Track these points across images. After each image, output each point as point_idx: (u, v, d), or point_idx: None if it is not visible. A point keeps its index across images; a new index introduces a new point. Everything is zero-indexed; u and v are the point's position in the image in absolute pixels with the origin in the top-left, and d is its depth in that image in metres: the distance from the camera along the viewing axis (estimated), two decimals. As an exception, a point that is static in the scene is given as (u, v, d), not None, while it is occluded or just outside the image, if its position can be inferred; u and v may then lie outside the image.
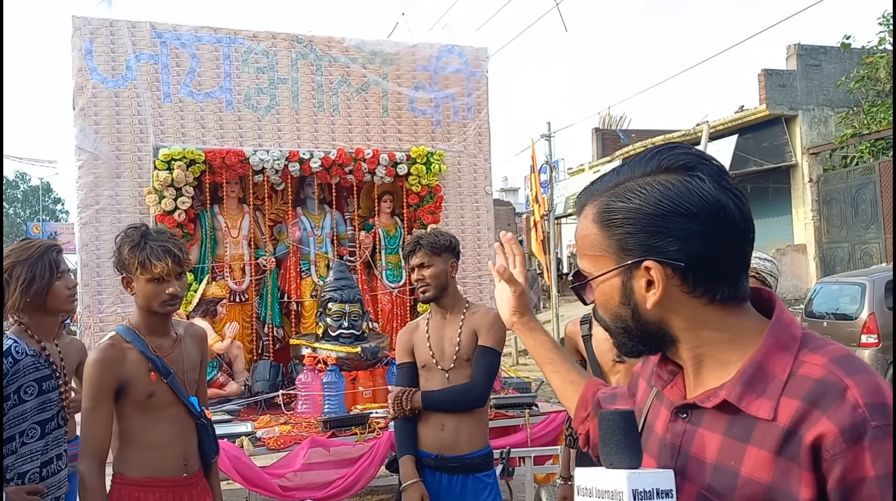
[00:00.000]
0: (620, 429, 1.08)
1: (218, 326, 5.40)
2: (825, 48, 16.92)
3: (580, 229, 1.18)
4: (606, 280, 1.13)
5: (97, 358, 2.36)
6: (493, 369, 3.07)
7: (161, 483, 2.44)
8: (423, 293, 3.06)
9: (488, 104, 6.44)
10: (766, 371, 1.05)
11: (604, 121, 25.67)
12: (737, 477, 1.04)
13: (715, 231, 1.06)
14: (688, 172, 1.09)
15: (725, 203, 1.06)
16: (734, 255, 1.09)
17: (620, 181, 1.13)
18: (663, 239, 1.07)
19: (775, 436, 1.01)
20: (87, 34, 5.34)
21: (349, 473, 4.10)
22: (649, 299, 1.09)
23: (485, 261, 6.45)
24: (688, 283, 1.07)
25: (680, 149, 1.13)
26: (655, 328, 1.12)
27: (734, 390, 1.06)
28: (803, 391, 1.01)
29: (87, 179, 5.31)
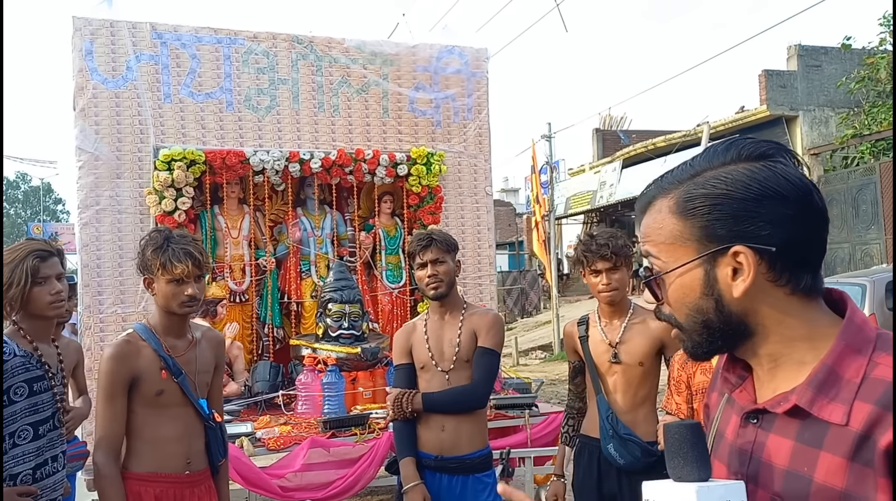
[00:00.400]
0: (687, 441, 1.04)
1: (218, 326, 5.40)
2: (826, 49, 16.92)
3: (653, 222, 1.13)
4: (688, 271, 1.08)
5: (113, 353, 2.47)
6: (494, 370, 3.07)
7: (162, 478, 2.50)
8: (435, 290, 3.02)
9: (488, 105, 6.45)
10: (839, 375, 1.02)
11: (604, 121, 25.67)
12: (811, 484, 1.02)
13: (804, 216, 1.04)
14: (770, 159, 1.06)
15: (812, 191, 1.05)
16: (818, 242, 1.07)
17: (698, 172, 1.09)
18: (755, 223, 1.03)
19: (849, 441, 0.99)
20: (87, 35, 5.34)
21: (349, 473, 4.10)
22: (737, 288, 1.05)
23: (485, 262, 6.45)
24: (774, 270, 1.04)
25: (754, 139, 1.10)
26: (738, 320, 1.08)
27: (805, 394, 1.04)
28: (876, 394, 0.98)
29: (87, 180, 5.31)
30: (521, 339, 17.59)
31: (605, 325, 3.12)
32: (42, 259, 2.62)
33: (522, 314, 24.07)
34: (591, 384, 3.12)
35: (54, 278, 2.64)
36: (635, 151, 19.91)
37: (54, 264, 2.67)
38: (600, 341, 3.08)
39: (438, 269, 3.02)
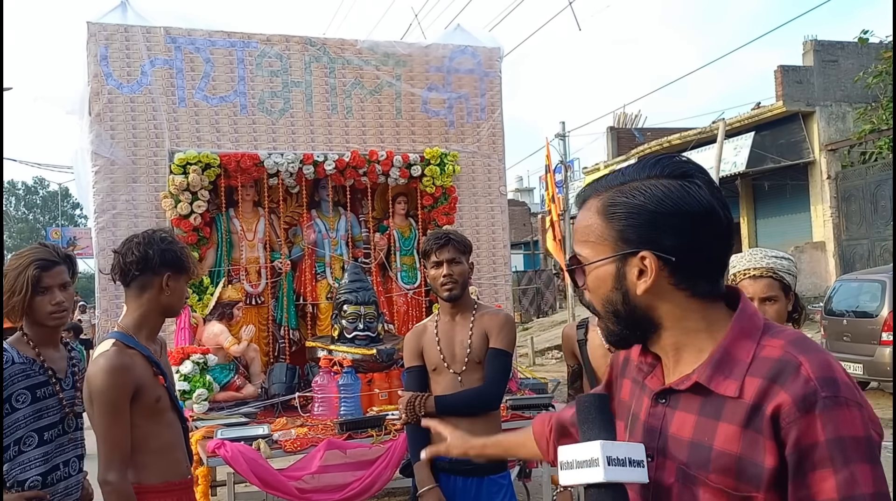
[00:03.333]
0: (595, 408, 1.23)
1: (234, 329, 5.42)
2: (842, 44, 16.76)
3: (582, 219, 1.30)
4: (602, 266, 1.26)
5: (112, 365, 2.33)
6: (506, 371, 3.05)
7: (175, 486, 2.47)
8: (449, 291, 3.00)
9: (502, 104, 6.43)
10: (733, 355, 1.19)
11: (619, 120, 25.57)
12: (711, 451, 1.17)
13: (704, 232, 1.21)
14: (687, 179, 1.22)
15: (716, 209, 1.21)
16: (716, 255, 1.24)
17: (626, 181, 1.26)
18: (661, 234, 1.20)
19: (742, 412, 1.15)
20: (102, 40, 5.38)
21: (366, 475, 4.10)
22: (640, 286, 1.22)
23: (500, 262, 6.44)
24: (675, 276, 1.21)
25: (680, 159, 1.27)
26: (642, 314, 1.25)
27: (704, 372, 1.20)
28: (764, 369, 1.15)
29: (103, 185, 5.35)
30: (537, 339, 17.55)
31: None
32: (44, 269, 2.58)
33: (538, 314, 24.01)
34: (588, 388, 3.10)
35: (56, 289, 2.60)
36: (650, 149, 19.81)
37: (58, 274, 2.62)
38: (599, 345, 3.06)
39: (454, 269, 3.00)
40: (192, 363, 4.84)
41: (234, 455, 3.89)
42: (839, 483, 1.07)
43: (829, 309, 9.97)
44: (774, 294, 2.43)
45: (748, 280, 2.45)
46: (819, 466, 1.08)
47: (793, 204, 16.72)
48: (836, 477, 1.07)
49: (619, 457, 1.17)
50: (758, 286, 2.42)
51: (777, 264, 2.47)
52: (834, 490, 1.07)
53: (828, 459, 1.08)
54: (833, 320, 9.78)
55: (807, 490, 1.09)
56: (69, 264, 2.70)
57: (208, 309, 5.37)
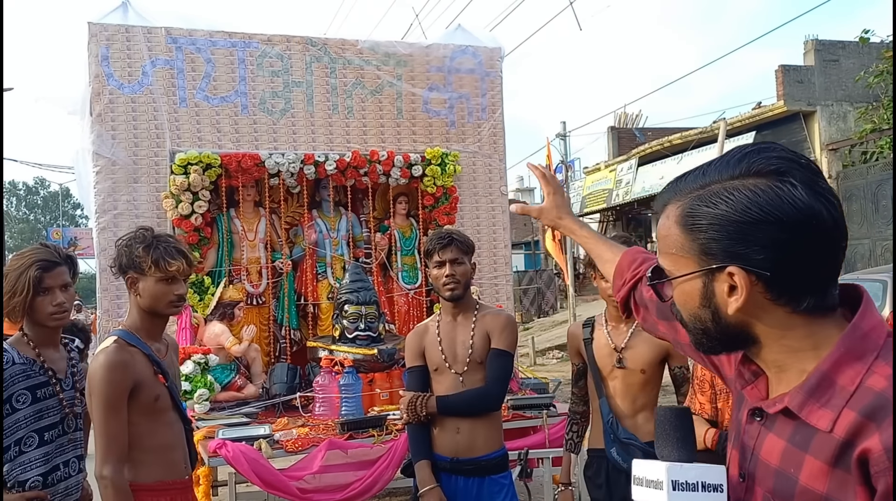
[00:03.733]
0: (671, 424, 1.15)
1: (235, 329, 5.42)
2: (843, 43, 16.75)
3: (662, 228, 1.17)
4: (687, 281, 1.12)
5: (111, 361, 2.35)
6: (507, 371, 3.05)
7: (171, 485, 2.47)
8: (451, 291, 3.00)
9: (503, 104, 6.43)
10: (833, 381, 1.03)
11: (619, 119, 25.56)
12: (796, 485, 1.04)
13: (804, 241, 1.03)
14: (779, 177, 1.05)
15: (818, 211, 1.03)
16: (823, 264, 1.06)
17: (706, 183, 1.10)
18: (749, 247, 1.04)
19: (832, 447, 1.00)
20: (103, 40, 5.38)
21: (367, 475, 4.10)
22: (731, 305, 1.07)
23: (501, 262, 6.44)
24: (772, 291, 1.05)
25: (771, 151, 1.08)
26: (736, 332, 1.11)
27: (796, 398, 1.06)
28: (863, 402, 0.99)
29: (104, 185, 5.35)
30: (538, 339, 17.55)
31: (611, 329, 3.09)
32: (45, 269, 2.58)
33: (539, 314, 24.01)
34: (593, 388, 3.10)
35: (57, 289, 2.60)
36: (651, 148, 19.81)
37: (59, 274, 2.62)
38: (605, 344, 3.06)
39: (456, 269, 3.00)
40: (194, 363, 4.84)
41: (235, 455, 3.89)
42: None
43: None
44: None
45: None
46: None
47: (794, 204, 16.69)
48: None
49: (687, 481, 1.10)
50: None
51: None
52: None
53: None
54: (834, 319, 9.76)
55: None
56: (70, 265, 2.70)
57: (209, 309, 5.38)
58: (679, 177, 1.17)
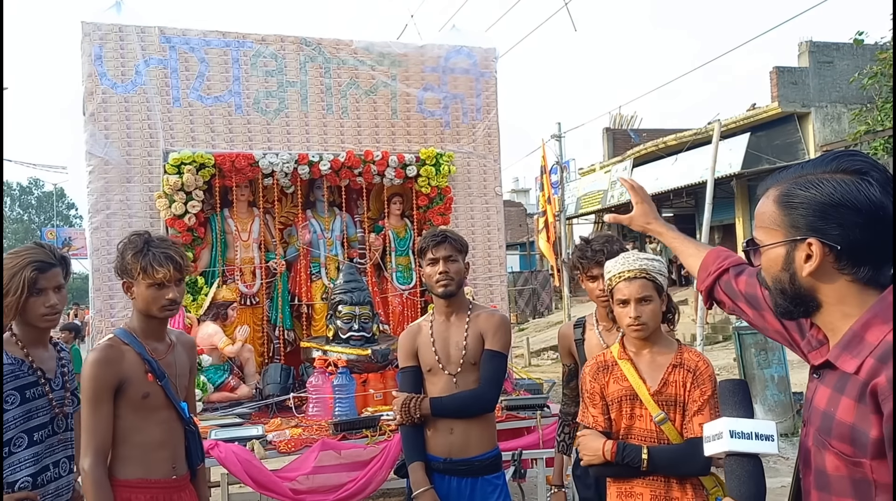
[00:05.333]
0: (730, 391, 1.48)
1: (229, 329, 5.41)
2: (838, 45, 16.80)
3: (761, 206, 1.45)
4: (774, 248, 1.40)
5: (98, 357, 2.42)
6: (501, 373, 3.03)
7: (151, 484, 2.46)
8: (444, 287, 2.98)
9: (497, 105, 6.42)
10: (863, 338, 1.31)
11: (615, 120, 25.59)
12: (833, 420, 1.33)
13: (871, 226, 1.31)
14: (861, 176, 1.33)
15: (886, 205, 1.31)
16: (882, 247, 1.33)
17: (804, 173, 1.39)
18: (828, 224, 1.32)
19: (857, 387, 1.29)
20: (96, 40, 5.36)
21: (360, 476, 4.09)
22: (805, 269, 1.35)
23: (496, 262, 6.43)
24: (839, 262, 1.33)
25: (859, 156, 1.37)
26: (806, 292, 1.38)
27: (834, 351, 1.36)
28: (881, 351, 1.27)
29: (97, 184, 5.33)
30: (533, 339, 17.55)
31: (602, 329, 3.08)
32: (41, 271, 2.58)
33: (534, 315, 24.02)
34: None
35: (51, 291, 2.60)
36: (646, 149, 19.83)
37: (53, 276, 2.62)
38: (597, 344, 3.04)
39: (450, 267, 2.99)
40: (187, 363, 4.82)
41: (227, 456, 3.88)
42: None
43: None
44: (649, 294, 2.50)
45: (623, 282, 2.53)
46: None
47: (788, 205, 16.71)
48: None
49: (744, 431, 1.39)
50: (633, 288, 2.49)
51: (649, 266, 2.54)
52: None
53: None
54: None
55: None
56: (64, 266, 2.69)
57: (203, 309, 5.36)
58: (781, 168, 1.47)
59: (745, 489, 1.39)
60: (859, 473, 1.29)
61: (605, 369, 2.58)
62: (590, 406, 2.57)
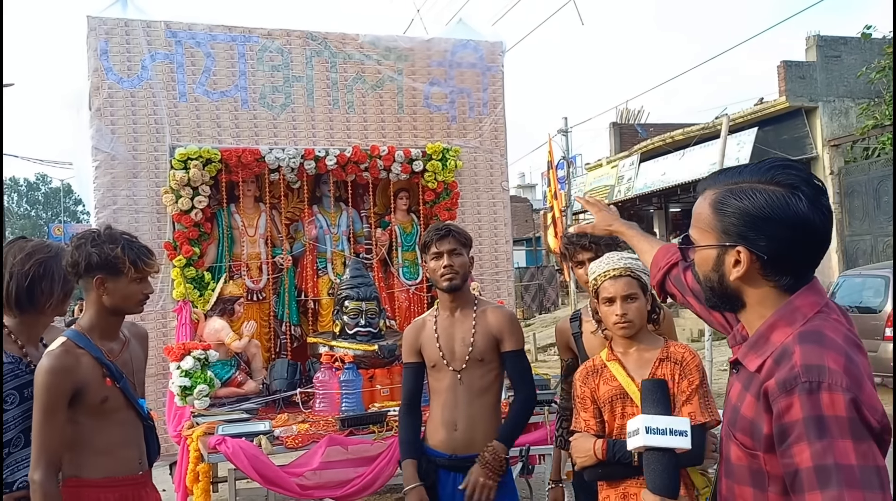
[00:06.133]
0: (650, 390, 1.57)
1: (235, 324, 5.40)
2: (845, 39, 16.69)
3: (698, 206, 1.52)
4: (707, 249, 1.49)
5: (52, 365, 2.30)
6: (529, 368, 3.11)
7: (120, 481, 2.43)
8: (450, 281, 2.97)
9: (504, 99, 6.39)
10: (768, 338, 1.41)
11: (621, 115, 25.51)
12: (738, 414, 1.44)
13: (797, 239, 1.39)
14: (792, 190, 1.40)
15: (812, 220, 1.38)
16: (806, 258, 1.43)
17: (739, 181, 1.45)
18: (757, 235, 1.40)
19: (757, 385, 1.39)
20: (102, 34, 5.35)
21: (367, 471, 4.08)
22: (734, 273, 1.44)
23: (502, 258, 6.41)
24: (765, 270, 1.41)
25: (793, 169, 1.43)
26: (732, 293, 1.47)
27: (743, 350, 1.47)
28: (777, 353, 1.37)
29: (104, 180, 5.32)
30: (540, 335, 17.53)
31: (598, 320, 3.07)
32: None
33: (540, 310, 24.00)
34: None
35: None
36: (653, 144, 19.76)
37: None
38: (595, 336, 3.04)
39: (454, 260, 2.98)
40: (194, 358, 4.81)
41: (235, 452, 3.87)
42: (814, 453, 1.24)
43: (833, 305, 9.91)
44: (634, 292, 2.55)
45: (609, 281, 2.56)
46: (799, 439, 1.27)
47: (796, 200, 16.62)
48: (812, 448, 1.25)
49: (658, 427, 1.47)
50: (618, 286, 2.52)
51: (634, 265, 2.58)
52: (810, 459, 1.25)
53: (804, 434, 1.26)
54: (836, 315, 9.73)
55: (790, 459, 1.29)
56: None
57: (209, 305, 5.35)
58: (720, 171, 1.53)
59: (660, 481, 1.46)
60: (756, 464, 1.40)
61: (595, 372, 2.60)
62: (581, 411, 2.59)
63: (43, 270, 2.53)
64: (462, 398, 2.97)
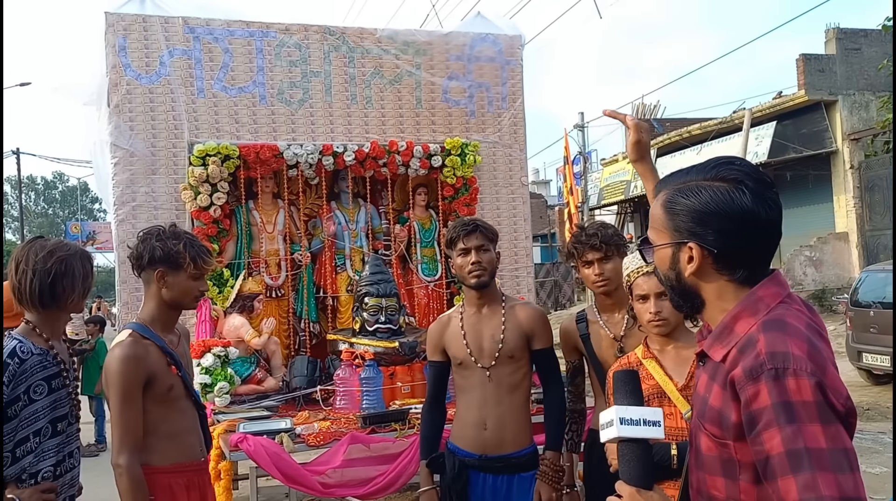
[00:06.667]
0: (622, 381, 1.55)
1: (255, 321, 5.38)
2: (865, 31, 16.49)
3: (653, 207, 1.56)
4: (662, 248, 1.53)
5: (125, 354, 2.46)
6: (559, 368, 3.07)
7: (186, 467, 2.57)
8: (478, 278, 2.91)
9: (523, 93, 6.32)
10: (732, 329, 1.44)
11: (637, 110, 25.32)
12: (706, 404, 1.46)
13: (743, 232, 1.43)
14: (736, 184, 1.44)
15: (757, 213, 1.42)
16: (756, 250, 1.46)
17: (687, 180, 1.50)
18: (705, 230, 1.44)
19: (723, 375, 1.41)
20: (120, 30, 5.33)
21: (390, 470, 4.03)
22: (688, 269, 1.48)
23: (522, 254, 6.35)
24: (717, 264, 1.45)
25: (736, 164, 1.48)
26: (690, 290, 1.50)
27: (707, 341, 1.50)
28: (741, 343, 1.39)
29: (122, 177, 5.31)
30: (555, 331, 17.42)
31: (606, 319, 3.00)
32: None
33: (556, 307, 23.90)
34: (596, 382, 3.01)
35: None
36: (670, 139, 19.61)
37: None
38: (604, 336, 2.97)
39: (482, 257, 2.92)
40: (214, 356, 4.80)
41: (256, 450, 3.84)
42: (785, 438, 1.26)
43: (856, 300, 9.79)
44: None
45: (643, 277, 2.54)
46: (768, 426, 1.28)
47: (815, 195, 16.48)
48: (782, 434, 1.26)
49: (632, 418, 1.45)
50: (652, 283, 2.47)
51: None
52: (781, 445, 1.26)
53: (774, 420, 1.28)
54: (860, 311, 9.61)
55: (760, 446, 1.30)
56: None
57: (229, 302, 5.33)
58: (672, 173, 1.55)
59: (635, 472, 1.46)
60: (726, 453, 1.41)
61: None
62: None
63: (65, 267, 2.56)
64: (491, 397, 2.91)
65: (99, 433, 8.96)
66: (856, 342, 9.61)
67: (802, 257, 15.90)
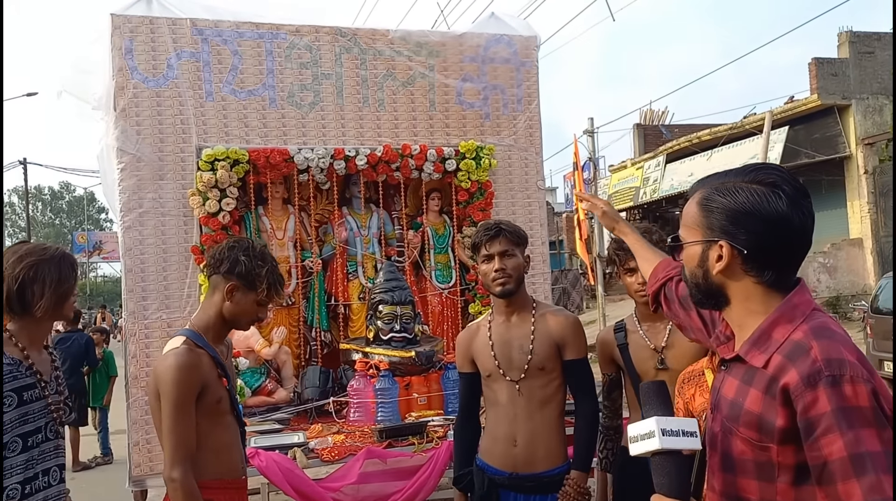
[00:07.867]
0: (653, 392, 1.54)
1: (265, 331, 5.22)
2: (879, 34, 16.33)
3: (687, 206, 1.59)
4: (693, 246, 1.55)
5: (181, 362, 2.36)
6: (593, 380, 2.86)
7: (230, 484, 2.47)
8: (502, 286, 2.75)
9: (539, 95, 6.16)
10: (770, 335, 1.45)
11: (645, 117, 25.18)
12: (741, 409, 1.46)
13: (776, 235, 1.45)
14: (773, 188, 1.46)
15: (791, 218, 1.44)
16: (786, 254, 1.48)
17: (726, 181, 1.52)
18: (738, 229, 1.47)
19: (764, 380, 1.43)
20: (126, 33, 5.19)
21: (408, 485, 3.87)
22: (716, 267, 1.50)
23: (538, 260, 6.17)
24: (746, 264, 1.47)
25: (775, 170, 1.51)
26: (716, 288, 1.53)
27: (744, 347, 1.50)
28: (787, 350, 1.41)
29: (129, 182, 5.14)
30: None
31: (646, 329, 2.82)
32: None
33: (565, 314, 23.66)
34: (633, 396, 2.82)
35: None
36: (679, 145, 19.44)
37: None
38: (644, 346, 2.80)
39: (507, 263, 2.76)
40: (223, 366, 4.64)
41: (269, 465, 3.68)
42: (846, 443, 1.27)
43: (876, 307, 9.58)
44: None
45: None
46: (828, 431, 1.29)
47: (829, 200, 16.27)
48: (843, 439, 1.27)
49: (672, 429, 1.44)
50: None
51: None
52: (843, 450, 1.27)
53: (834, 425, 1.28)
54: (880, 318, 9.40)
55: (819, 452, 1.30)
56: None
57: (238, 310, 5.16)
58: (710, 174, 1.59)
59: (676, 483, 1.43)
60: (764, 456, 1.42)
61: (691, 380, 2.34)
62: None
63: (34, 273, 2.42)
64: (521, 411, 2.73)
65: (104, 445, 8.80)
66: (877, 350, 9.39)
67: (816, 264, 15.68)
